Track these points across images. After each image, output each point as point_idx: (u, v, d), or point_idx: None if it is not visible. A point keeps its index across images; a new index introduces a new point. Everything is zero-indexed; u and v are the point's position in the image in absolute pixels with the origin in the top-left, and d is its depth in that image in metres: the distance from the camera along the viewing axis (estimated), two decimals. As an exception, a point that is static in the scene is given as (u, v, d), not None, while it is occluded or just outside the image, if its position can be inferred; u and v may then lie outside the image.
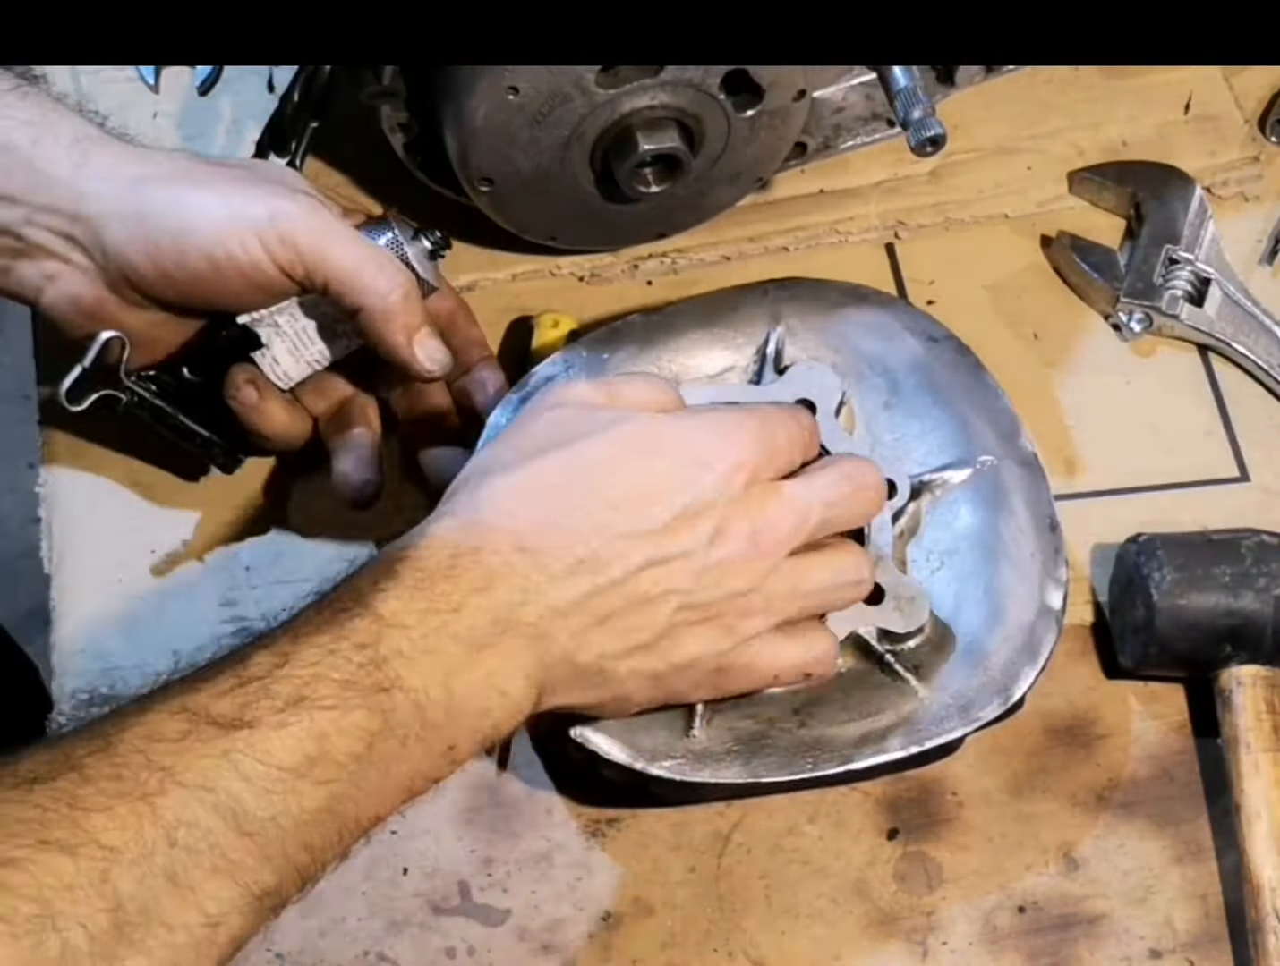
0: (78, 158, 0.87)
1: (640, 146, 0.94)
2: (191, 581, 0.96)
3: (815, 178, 1.10)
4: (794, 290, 0.97)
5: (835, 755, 0.84)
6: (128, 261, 0.87)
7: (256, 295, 0.89)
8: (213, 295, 0.89)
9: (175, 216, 0.87)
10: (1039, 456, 0.92)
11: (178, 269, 0.87)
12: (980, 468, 0.91)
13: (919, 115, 0.93)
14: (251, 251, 0.86)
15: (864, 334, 0.96)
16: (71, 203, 0.87)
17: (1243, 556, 0.90)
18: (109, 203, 0.87)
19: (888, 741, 0.84)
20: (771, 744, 0.84)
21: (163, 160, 0.90)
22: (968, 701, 0.85)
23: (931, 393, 0.94)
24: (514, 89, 0.91)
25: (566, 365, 0.93)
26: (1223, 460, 1.02)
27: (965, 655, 0.87)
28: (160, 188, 0.88)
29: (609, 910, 0.88)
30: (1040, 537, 0.90)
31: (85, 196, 0.87)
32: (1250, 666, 0.90)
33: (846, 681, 0.87)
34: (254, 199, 0.88)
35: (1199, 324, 1.04)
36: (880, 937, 0.88)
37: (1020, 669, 0.86)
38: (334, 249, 0.87)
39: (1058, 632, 0.88)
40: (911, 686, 0.86)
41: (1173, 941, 0.88)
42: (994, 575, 0.89)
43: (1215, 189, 1.10)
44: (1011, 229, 1.10)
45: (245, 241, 0.86)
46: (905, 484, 0.90)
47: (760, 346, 0.95)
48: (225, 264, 0.87)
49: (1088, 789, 0.91)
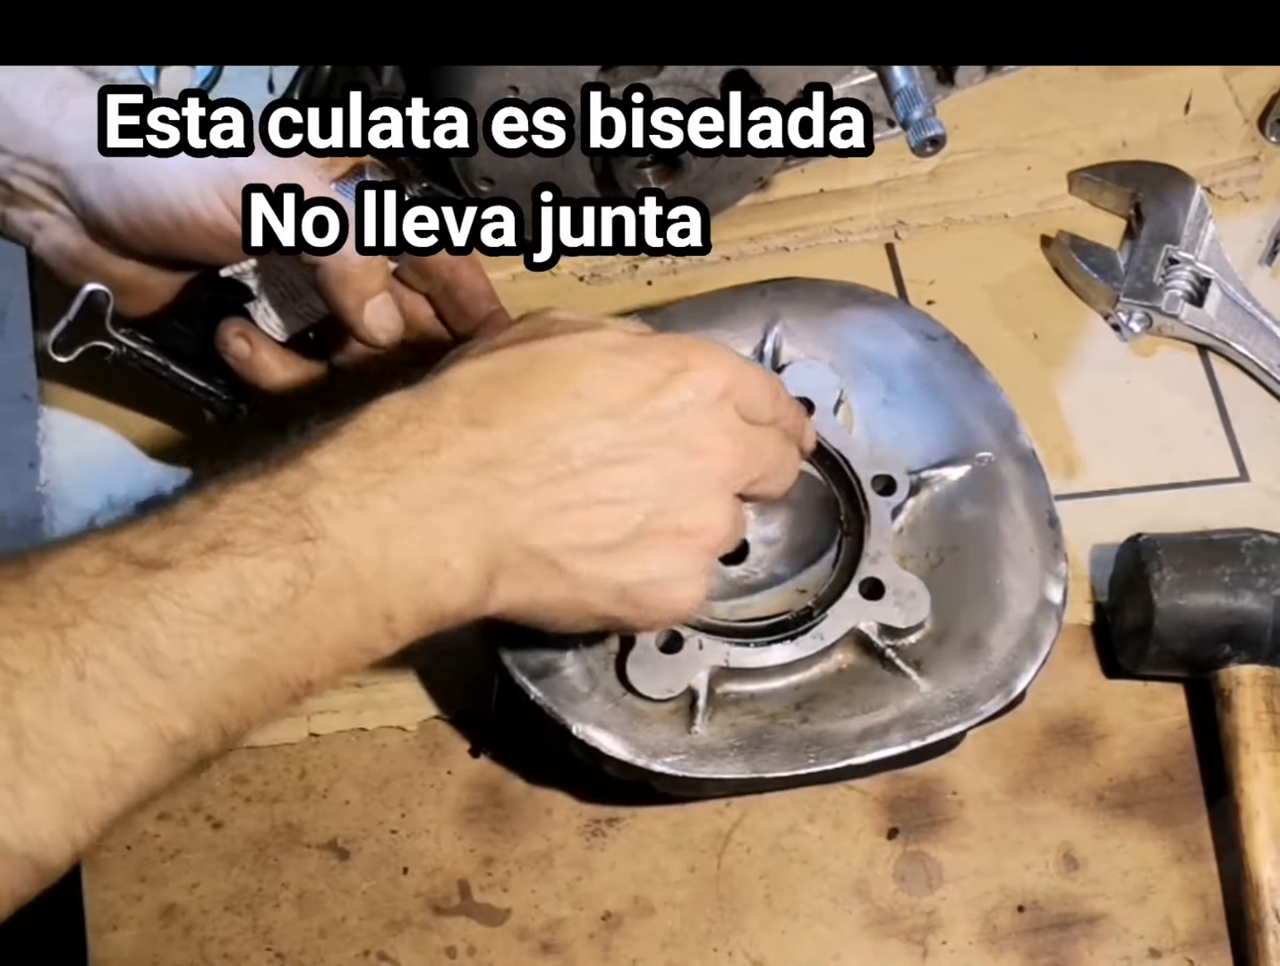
0: (55, 107, 0.86)
1: (640, 146, 0.94)
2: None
3: (815, 178, 1.10)
4: (791, 290, 0.97)
5: (837, 750, 0.84)
6: (100, 215, 0.86)
7: (225, 249, 0.87)
8: (181, 249, 0.87)
9: (139, 171, 0.85)
10: (1037, 452, 0.92)
11: (145, 224, 0.86)
12: (979, 463, 0.91)
13: (919, 115, 0.93)
14: (214, 207, 0.85)
15: (861, 333, 0.96)
16: (49, 153, 0.86)
17: (1242, 556, 0.90)
18: (82, 154, 0.85)
19: (889, 736, 0.84)
20: (773, 739, 0.84)
21: None
22: (969, 696, 0.85)
23: (929, 390, 0.94)
24: (514, 89, 0.91)
25: None
26: (1222, 460, 1.02)
27: (966, 650, 0.87)
28: None
29: (609, 910, 0.88)
30: (1039, 533, 0.90)
31: (61, 147, 0.86)
32: (1250, 666, 0.90)
33: (848, 677, 0.87)
34: (218, 154, 0.86)
35: (1199, 324, 1.04)
36: (880, 937, 0.88)
37: (1021, 663, 0.86)
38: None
39: (1058, 626, 0.88)
40: (913, 681, 0.86)
41: (1172, 941, 0.88)
42: (994, 570, 0.89)
43: (1215, 189, 1.10)
44: (1011, 229, 1.10)
45: (206, 196, 0.84)
46: (904, 481, 0.90)
47: (758, 346, 0.95)
48: (188, 220, 0.85)
49: (1088, 789, 0.92)
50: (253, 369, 0.91)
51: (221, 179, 0.85)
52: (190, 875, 0.88)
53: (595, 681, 0.85)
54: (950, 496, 0.91)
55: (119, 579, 0.65)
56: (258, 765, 0.91)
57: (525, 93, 0.91)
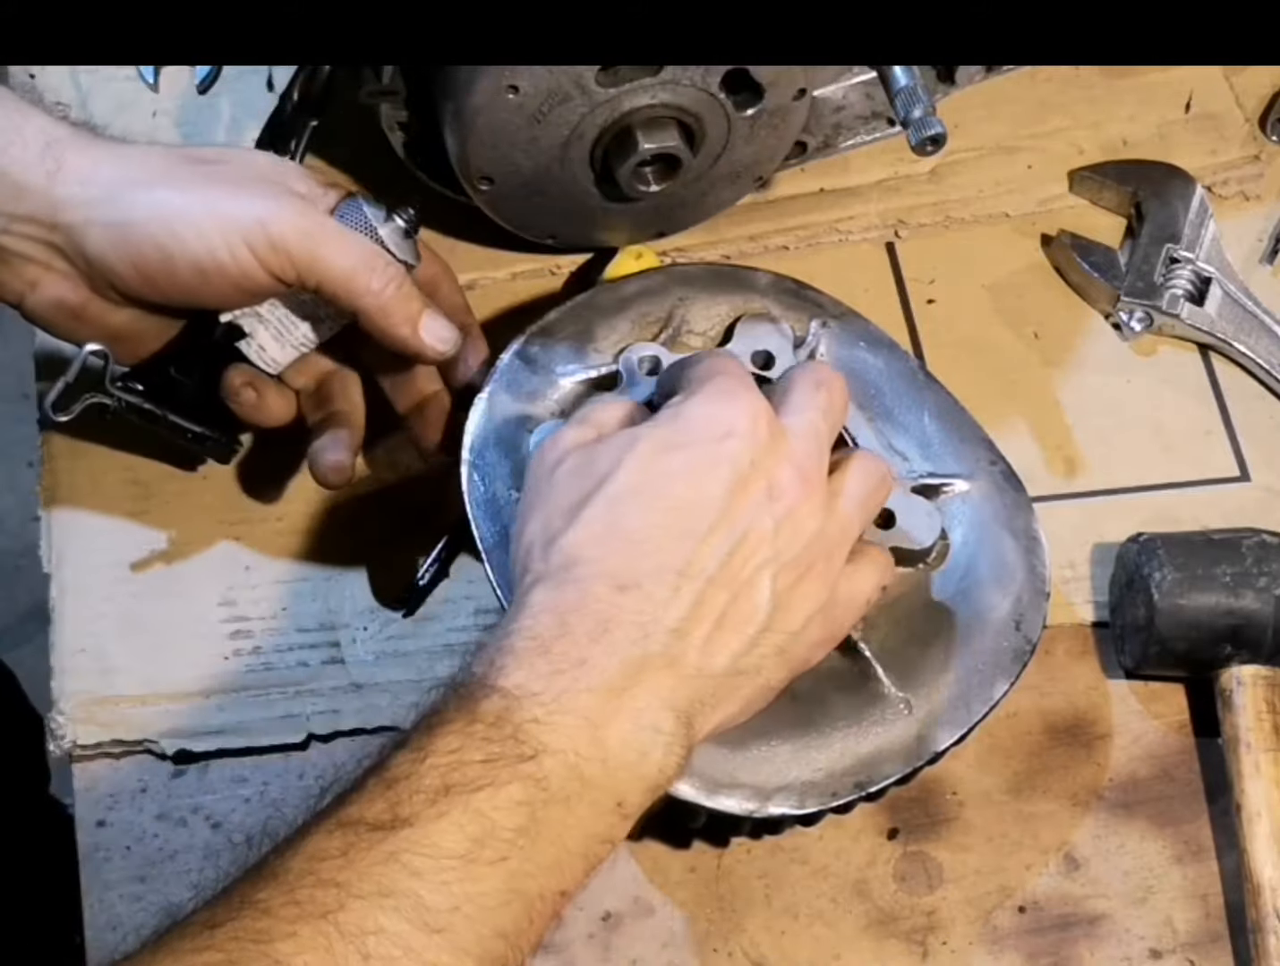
0: (51, 164, 0.85)
1: (640, 145, 0.94)
2: (191, 581, 0.96)
3: (815, 176, 1.10)
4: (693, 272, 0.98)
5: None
6: (111, 269, 0.86)
7: (244, 297, 0.88)
8: (200, 299, 0.88)
9: (159, 225, 0.85)
10: (1012, 471, 0.92)
11: (165, 278, 0.86)
12: (956, 491, 0.92)
13: (919, 114, 0.93)
14: (241, 259, 0.85)
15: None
16: (48, 212, 0.85)
17: (1243, 556, 0.90)
18: (87, 210, 0.85)
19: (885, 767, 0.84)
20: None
21: (139, 158, 0.88)
22: (952, 708, 0.85)
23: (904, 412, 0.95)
24: (514, 88, 0.91)
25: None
26: (1223, 460, 1.02)
27: (945, 661, 0.86)
28: (140, 192, 0.86)
29: (608, 910, 0.88)
30: (1022, 551, 0.89)
31: (62, 204, 0.85)
32: (1251, 666, 0.90)
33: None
34: (240, 202, 0.86)
35: (1200, 323, 1.04)
36: (880, 937, 0.88)
37: (996, 675, 0.86)
38: (324, 252, 0.86)
39: (1041, 626, 0.88)
40: (897, 696, 0.85)
41: (1173, 941, 0.88)
42: (973, 585, 0.88)
43: (1216, 188, 1.10)
44: (1012, 228, 1.10)
45: (234, 249, 0.85)
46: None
47: (664, 322, 0.96)
48: (214, 273, 0.85)
49: (1088, 789, 0.91)
50: (259, 415, 0.93)
51: (249, 229, 0.85)
52: (190, 875, 0.88)
53: None
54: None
55: (365, 850, 0.66)
56: (257, 766, 0.91)
57: (525, 91, 0.91)
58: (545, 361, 0.94)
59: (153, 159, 0.88)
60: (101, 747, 0.91)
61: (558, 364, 0.94)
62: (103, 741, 0.91)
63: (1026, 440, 1.01)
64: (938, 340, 1.05)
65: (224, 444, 0.96)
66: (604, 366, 0.94)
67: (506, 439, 0.91)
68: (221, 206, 0.85)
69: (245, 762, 0.91)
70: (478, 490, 0.89)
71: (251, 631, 0.95)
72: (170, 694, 0.93)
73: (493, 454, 0.90)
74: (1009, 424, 1.01)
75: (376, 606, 0.95)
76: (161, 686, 0.93)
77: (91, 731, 0.91)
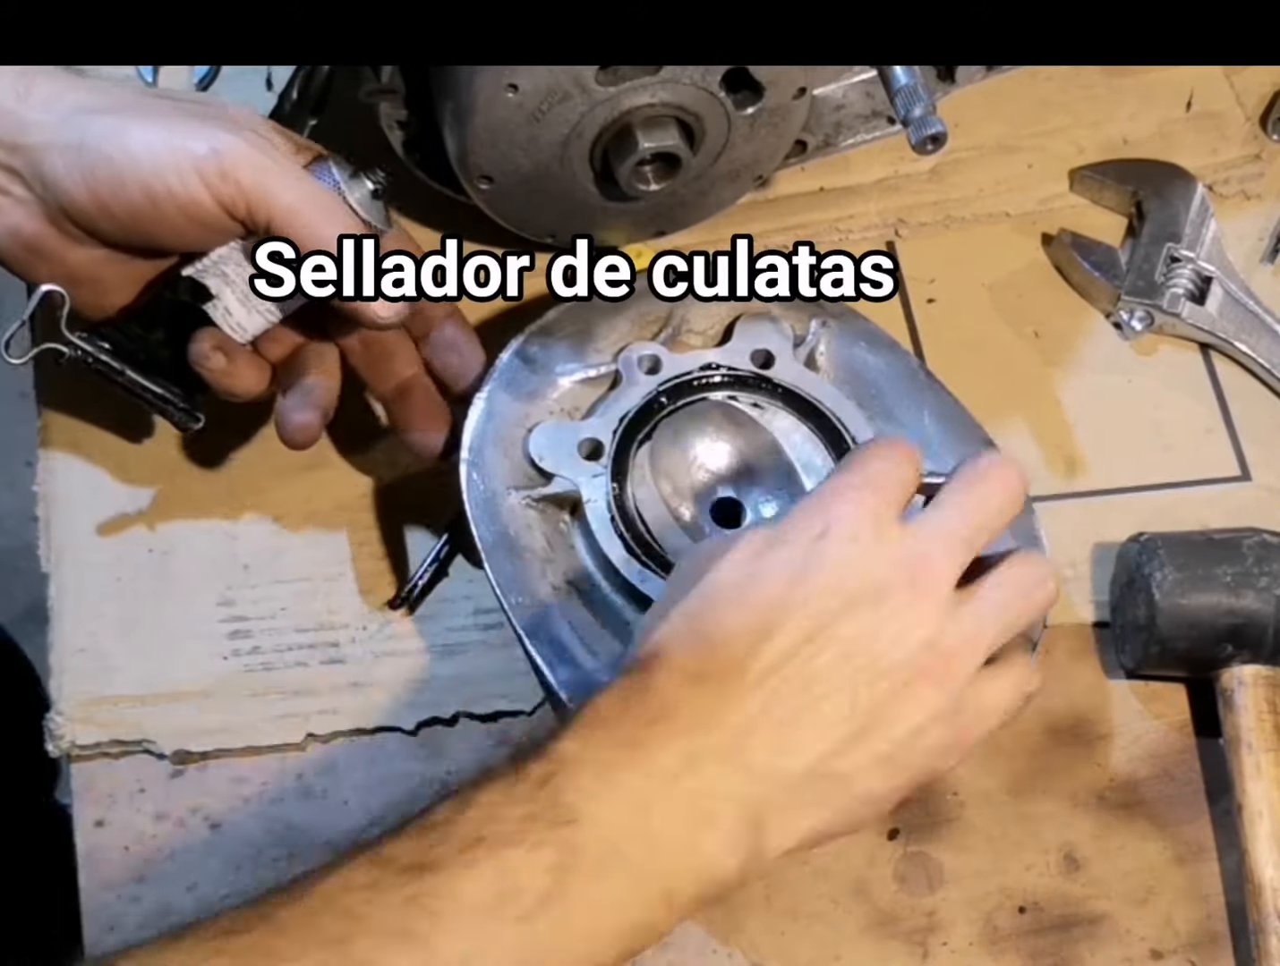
0: (22, 89, 0.84)
1: (640, 144, 0.94)
2: (190, 580, 0.96)
3: (815, 175, 1.09)
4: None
5: None
6: (66, 192, 0.84)
7: (197, 232, 0.86)
8: (152, 231, 0.85)
9: (114, 146, 0.83)
10: None
11: (115, 201, 0.83)
12: None
13: (920, 113, 0.92)
14: (190, 186, 0.83)
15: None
16: (12, 133, 0.84)
17: (1244, 556, 0.90)
18: (50, 133, 0.84)
19: None
20: None
21: (111, 90, 0.87)
22: None
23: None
24: (513, 86, 0.91)
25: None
26: (1224, 459, 1.02)
27: None
28: (103, 118, 0.84)
29: (609, 910, 0.88)
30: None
31: (27, 127, 0.84)
32: (1252, 666, 0.90)
33: None
34: (197, 132, 0.84)
35: (1200, 322, 1.04)
36: (880, 938, 0.87)
37: None
38: (276, 187, 0.84)
39: (1041, 626, 0.88)
40: None
41: (1174, 942, 0.88)
42: None
43: (1217, 187, 1.10)
44: (1012, 227, 1.09)
45: (184, 175, 0.83)
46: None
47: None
48: (163, 198, 0.83)
49: (1088, 789, 0.91)
50: (230, 381, 0.90)
51: (202, 156, 0.83)
52: (189, 876, 0.88)
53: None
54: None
55: (390, 888, 0.66)
56: (256, 765, 0.91)
57: (524, 90, 0.91)
58: (544, 361, 0.94)
59: (125, 92, 0.88)
60: (100, 747, 0.91)
61: (557, 363, 0.94)
62: (101, 741, 0.91)
63: (1026, 440, 1.01)
64: (938, 339, 1.05)
65: (185, 411, 0.92)
66: (603, 366, 0.94)
67: (505, 438, 0.91)
68: (178, 134, 0.84)
69: (244, 762, 0.91)
70: (477, 489, 0.89)
71: (250, 631, 0.94)
72: (169, 694, 0.92)
73: (492, 453, 0.90)
74: (1009, 423, 1.01)
75: (376, 606, 0.95)
76: (160, 686, 0.93)
77: (90, 731, 0.91)
